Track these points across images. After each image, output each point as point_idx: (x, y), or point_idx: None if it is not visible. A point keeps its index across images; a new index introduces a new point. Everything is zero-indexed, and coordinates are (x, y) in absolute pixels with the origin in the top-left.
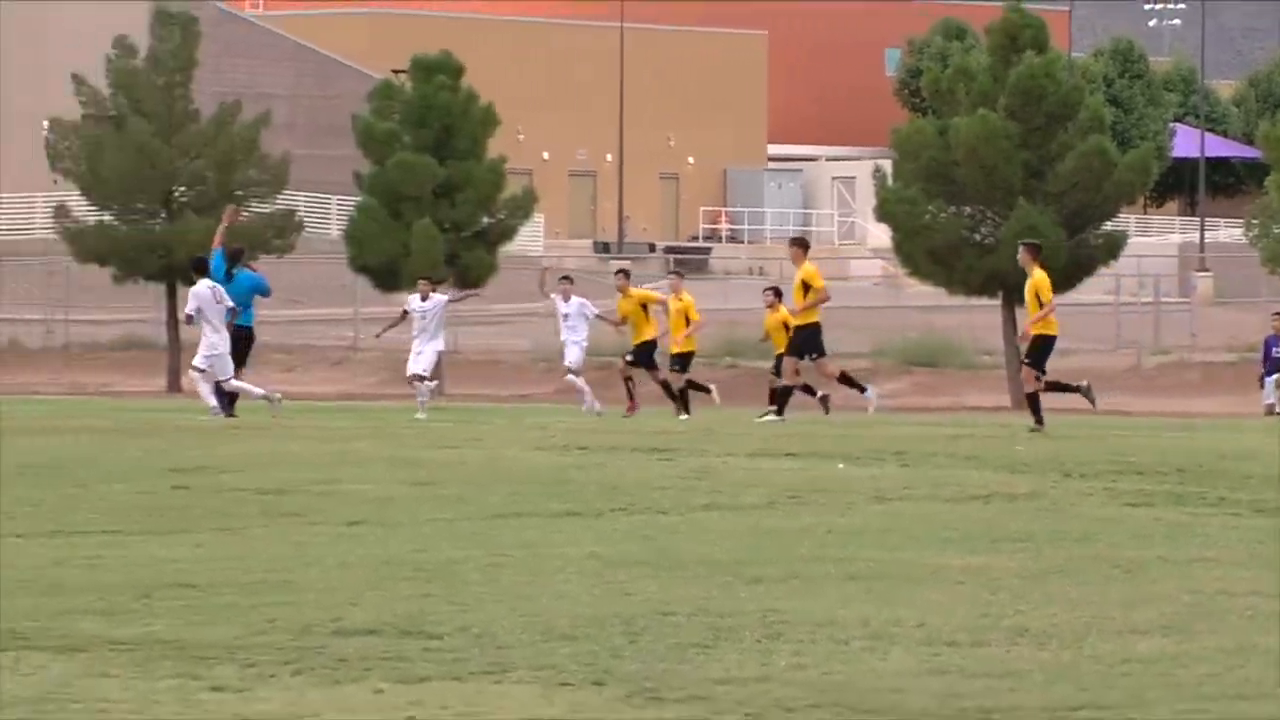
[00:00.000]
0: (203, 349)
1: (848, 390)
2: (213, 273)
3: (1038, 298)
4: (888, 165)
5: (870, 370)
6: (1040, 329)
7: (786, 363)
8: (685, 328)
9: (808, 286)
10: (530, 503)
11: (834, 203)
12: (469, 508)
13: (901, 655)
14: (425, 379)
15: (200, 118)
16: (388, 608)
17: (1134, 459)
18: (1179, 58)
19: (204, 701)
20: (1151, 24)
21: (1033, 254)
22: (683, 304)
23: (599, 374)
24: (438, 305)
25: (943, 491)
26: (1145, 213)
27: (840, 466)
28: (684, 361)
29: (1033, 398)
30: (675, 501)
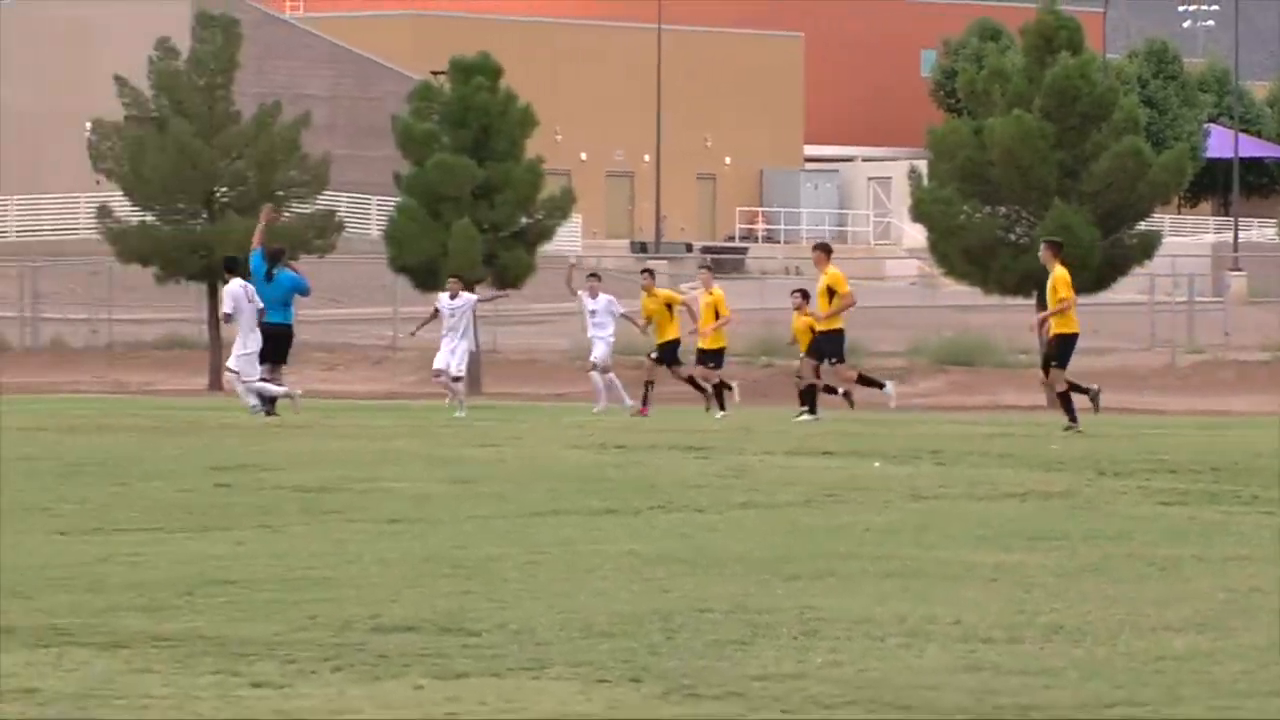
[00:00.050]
0: (236, 349)
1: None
2: (253, 272)
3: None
4: (923, 166)
5: (906, 369)
6: (1061, 327)
7: (804, 363)
8: (715, 321)
9: (832, 292)
10: (568, 500)
11: (870, 203)
12: (508, 505)
13: (937, 652)
14: (459, 379)
15: (241, 119)
16: (427, 605)
17: (1168, 457)
18: (1213, 59)
19: (244, 698)
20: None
21: (1054, 251)
22: (713, 298)
23: (635, 373)
24: (467, 304)
25: (978, 490)
26: (1179, 213)
27: (877, 465)
28: (717, 358)
29: (1064, 397)
30: (713, 499)
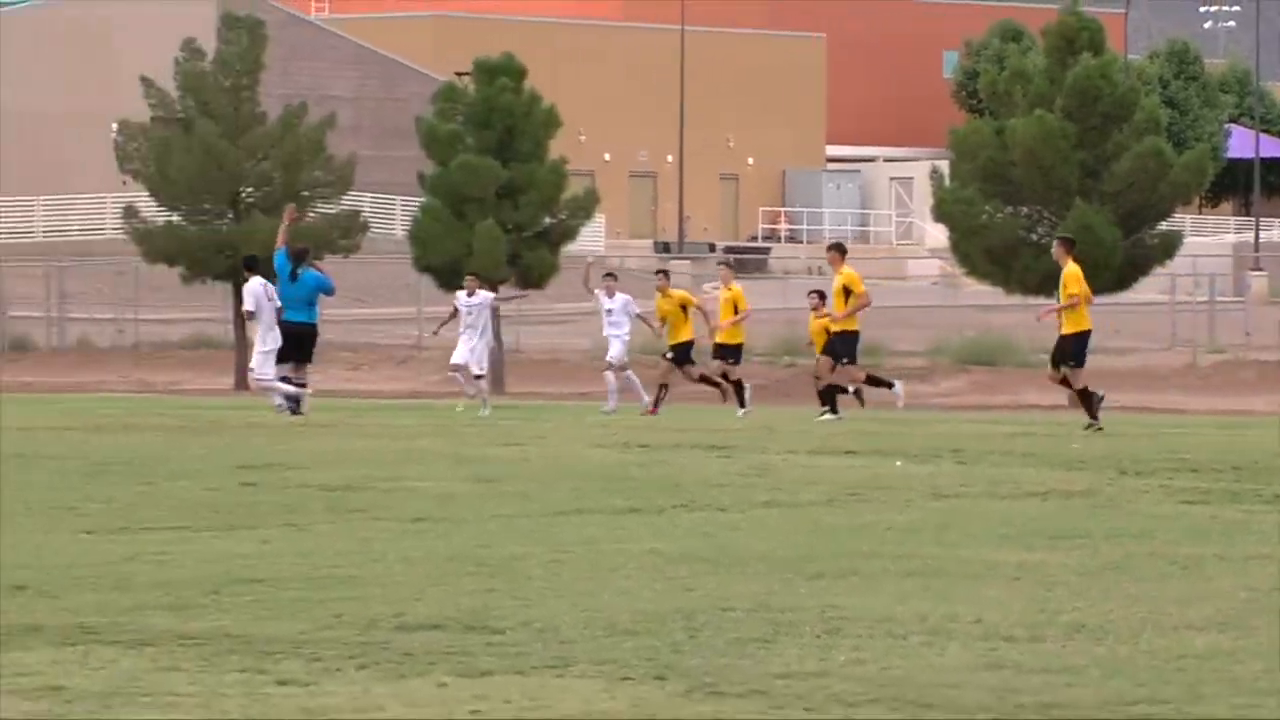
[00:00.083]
0: (257, 347)
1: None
2: (277, 272)
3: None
4: (945, 166)
5: (928, 369)
6: (1072, 325)
7: (821, 363)
8: (733, 316)
9: (848, 291)
10: (592, 499)
11: (892, 203)
12: (532, 504)
13: (959, 651)
14: (481, 376)
15: (267, 120)
16: (452, 603)
17: (1189, 457)
18: (1233, 59)
19: (270, 695)
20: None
21: (1066, 248)
22: (731, 293)
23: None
24: (484, 301)
25: (1000, 489)
26: (1200, 213)
27: (899, 464)
28: (735, 353)
29: (1085, 394)
30: (735, 498)
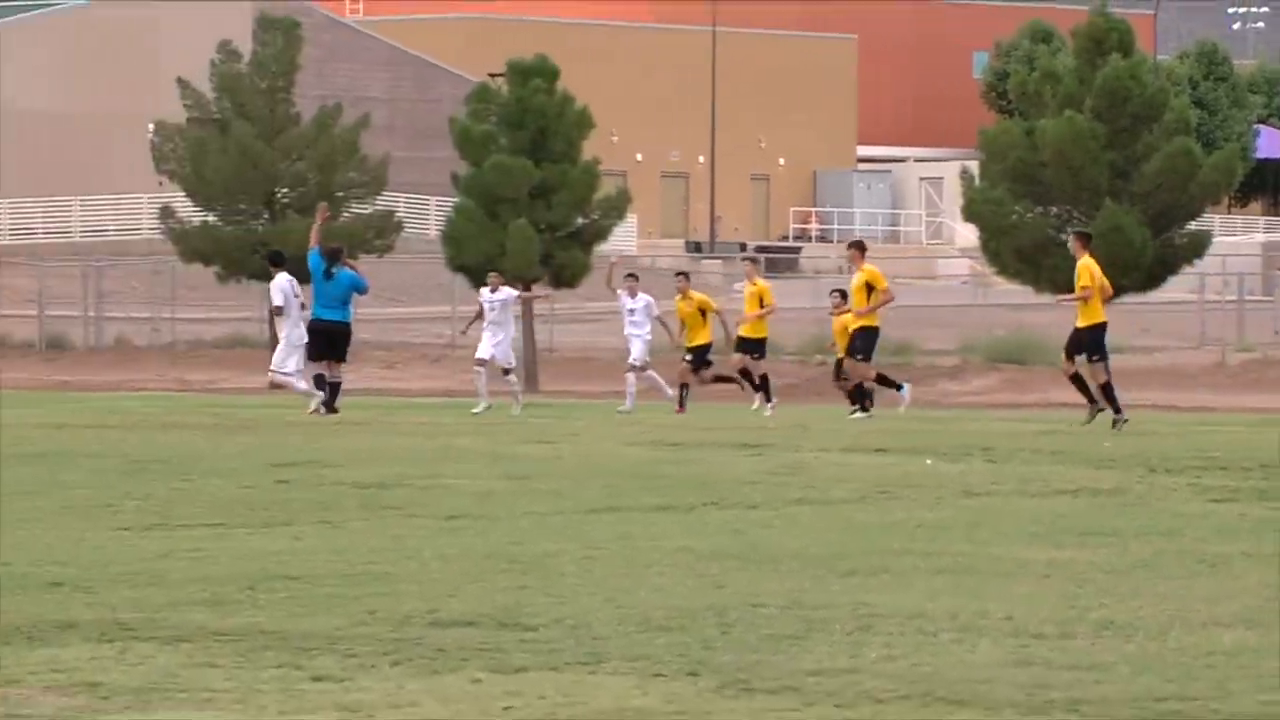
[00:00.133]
0: (289, 351)
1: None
2: (311, 271)
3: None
4: (975, 166)
5: (959, 367)
6: (1086, 319)
7: (847, 362)
8: (758, 309)
9: (870, 287)
10: (625, 497)
11: (922, 203)
12: (565, 502)
13: (989, 647)
14: (509, 371)
15: (302, 121)
16: (485, 599)
17: (1218, 455)
18: (1262, 60)
19: (306, 691)
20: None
21: (1083, 243)
22: (757, 288)
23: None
24: (508, 298)
25: (1030, 487)
26: (1229, 212)
27: (929, 462)
28: (760, 348)
29: (1106, 388)
30: (767, 496)
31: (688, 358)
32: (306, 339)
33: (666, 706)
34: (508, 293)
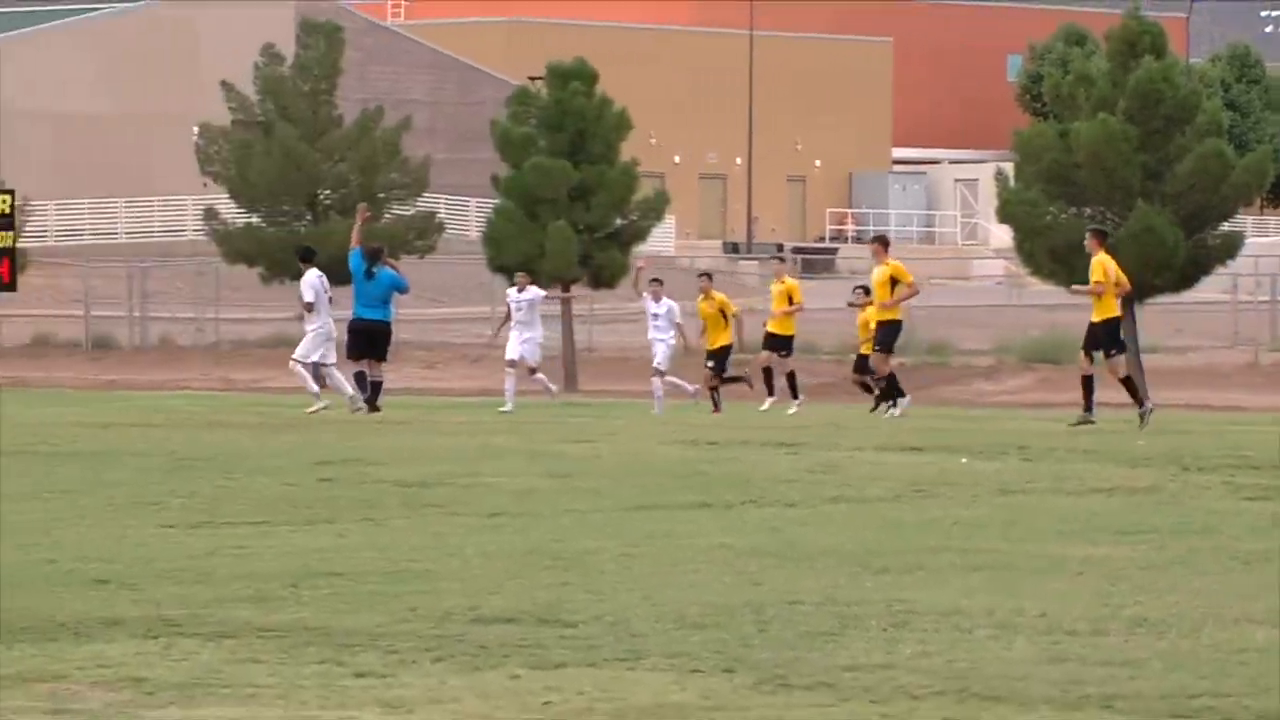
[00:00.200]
0: (318, 342)
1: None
2: (352, 271)
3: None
4: (1009, 168)
5: (994, 367)
6: (1100, 314)
7: (874, 358)
8: (787, 306)
9: (895, 281)
10: (663, 495)
11: (957, 204)
12: (604, 500)
13: (1024, 644)
14: (535, 370)
15: (344, 123)
16: (525, 596)
17: (1251, 454)
18: None
19: (348, 687)
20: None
21: (1098, 240)
22: (786, 286)
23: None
24: (534, 297)
25: (1064, 485)
26: (1261, 213)
27: (964, 461)
28: (787, 345)
29: (1127, 382)
30: (804, 494)
31: (710, 364)
32: (333, 333)
33: (704, 702)
34: (534, 292)
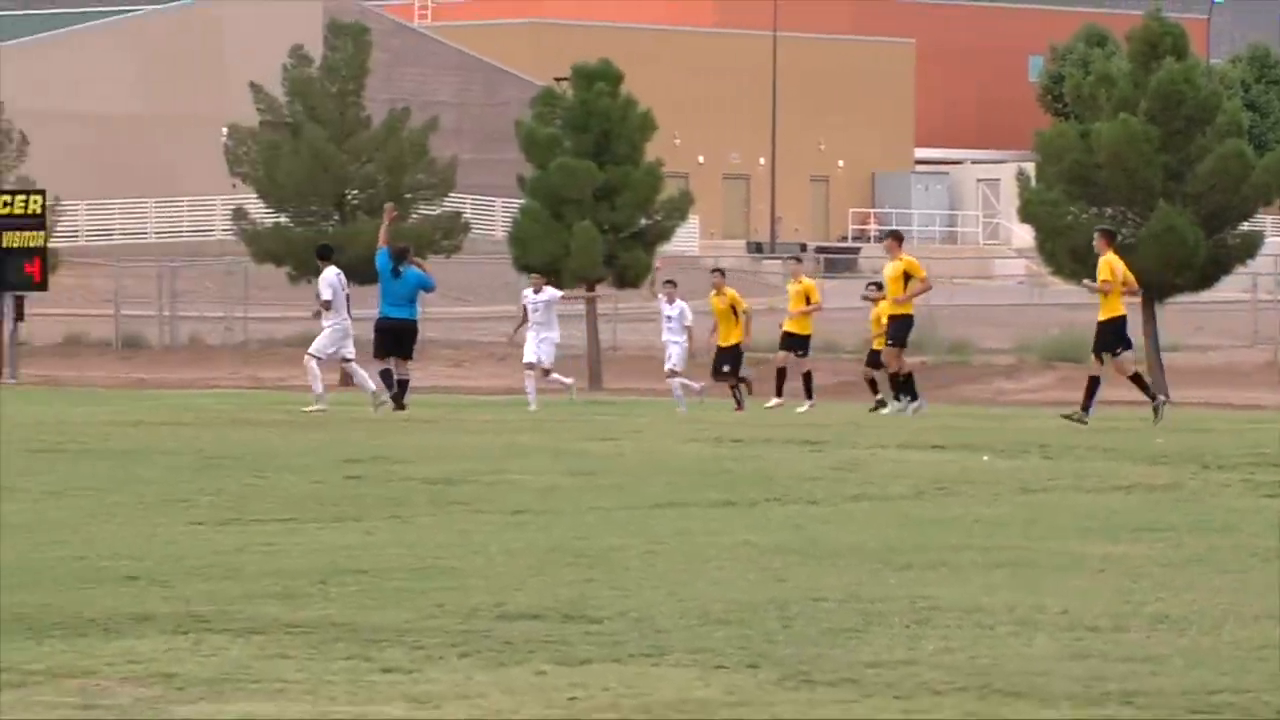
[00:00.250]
0: (335, 338)
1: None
2: (379, 270)
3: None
4: (1031, 168)
5: (1015, 366)
6: (1106, 313)
7: (886, 352)
8: (804, 306)
9: (908, 276)
10: (687, 493)
11: (979, 204)
12: (628, 497)
13: (1045, 640)
14: (549, 371)
15: (372, 124)
16: (550, 593)
17: (1270, 452)
18: None
19: (375, 683)
20: None
21: (1107, 240)
22: (802, 286)
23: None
24: (551, 298)
25: (1085, 483)
26: None
27: (986, 459)
28: (804, 345)
29: (1137, 379)
30: (826, 492)
31: (725, 368)
32: (349, 330)
33: (728, 698)
34: (550, 293)
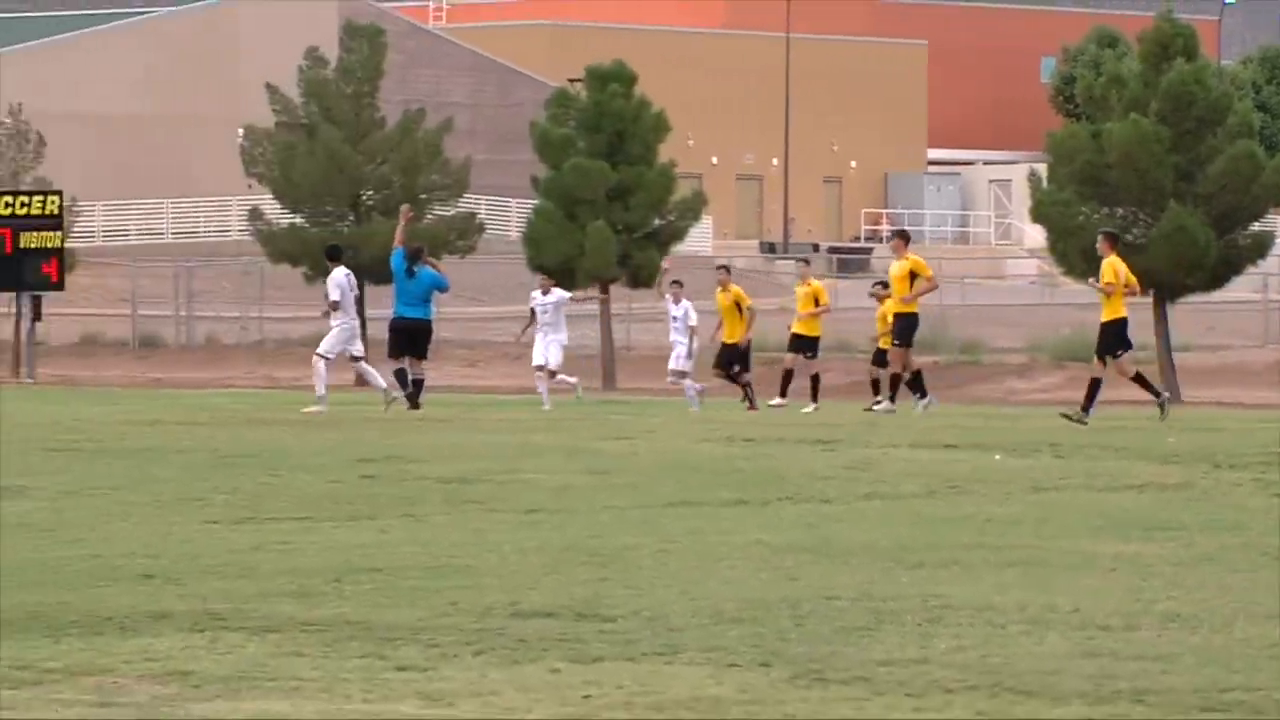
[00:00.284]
0: (344, 338)
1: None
2: (394, 269)
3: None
4: (1043, 169)
5: (1026, 365)
6: (1109, 314)
7: (892, 352)
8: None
9: (914, 275)
10: (700, 492)
11: (991, 205)
12: (642, 496)
13: (1057, 639)
14: (555, 373)
15: (386, 125)
16: (564, 592)
17: None
18: None
19: (390, 680)
20: None
21: (1110, 242)
22: (811, 288)
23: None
24: (560, 300)
25: (1096, 482)
26: None
27: (998, 458)
28: (813, 347)
29: (1139, 378)
30: (839, 491)
31: (735, 368)
32: (357, 330)
33: (741, 696)
34: (559, 295)
